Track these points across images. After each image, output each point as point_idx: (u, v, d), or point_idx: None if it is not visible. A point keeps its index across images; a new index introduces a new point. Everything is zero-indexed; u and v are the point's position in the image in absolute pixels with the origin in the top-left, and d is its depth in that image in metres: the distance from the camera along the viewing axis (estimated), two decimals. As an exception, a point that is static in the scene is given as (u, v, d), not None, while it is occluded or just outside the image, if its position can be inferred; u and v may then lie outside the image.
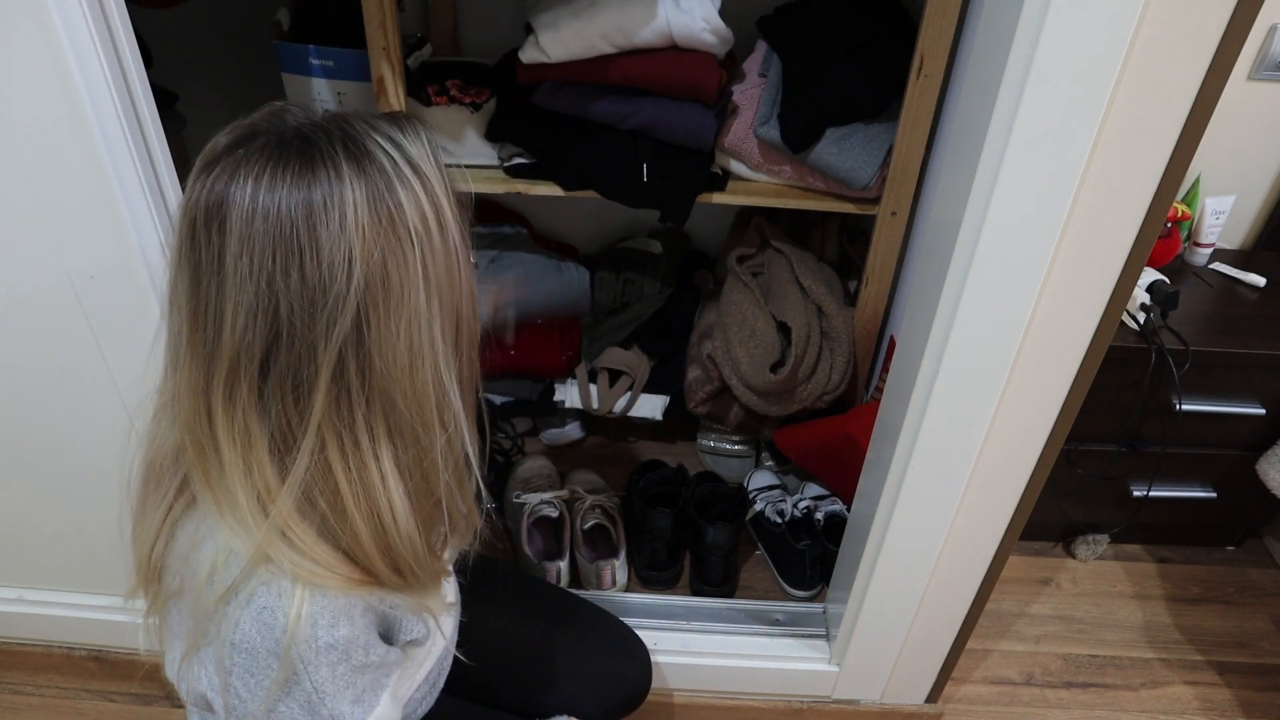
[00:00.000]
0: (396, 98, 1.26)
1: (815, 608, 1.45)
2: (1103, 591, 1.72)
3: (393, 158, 0.63)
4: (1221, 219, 1.62)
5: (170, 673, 0.74)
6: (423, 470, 0.69)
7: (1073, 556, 1.78)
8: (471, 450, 0.73)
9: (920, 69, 1.20)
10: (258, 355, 0.61)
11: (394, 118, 0.67)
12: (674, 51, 1.23)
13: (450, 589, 0.94)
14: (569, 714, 1.08)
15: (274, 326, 0.61)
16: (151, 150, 0.95)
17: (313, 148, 0.61)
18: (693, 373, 1.52)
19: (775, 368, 1.41)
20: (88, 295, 0.99)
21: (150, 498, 0.71)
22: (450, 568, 0.84)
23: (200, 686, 0.69)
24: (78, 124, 0.86)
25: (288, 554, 0.64)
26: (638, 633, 1.19)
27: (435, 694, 0.96)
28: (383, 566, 0.68)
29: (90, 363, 1.05)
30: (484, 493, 0.78)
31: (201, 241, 0.61)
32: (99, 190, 0.91)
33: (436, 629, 0.79)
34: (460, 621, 0.97)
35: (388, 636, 0.74)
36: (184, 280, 0.63)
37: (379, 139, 0.63)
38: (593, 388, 1.58)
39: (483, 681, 1.08)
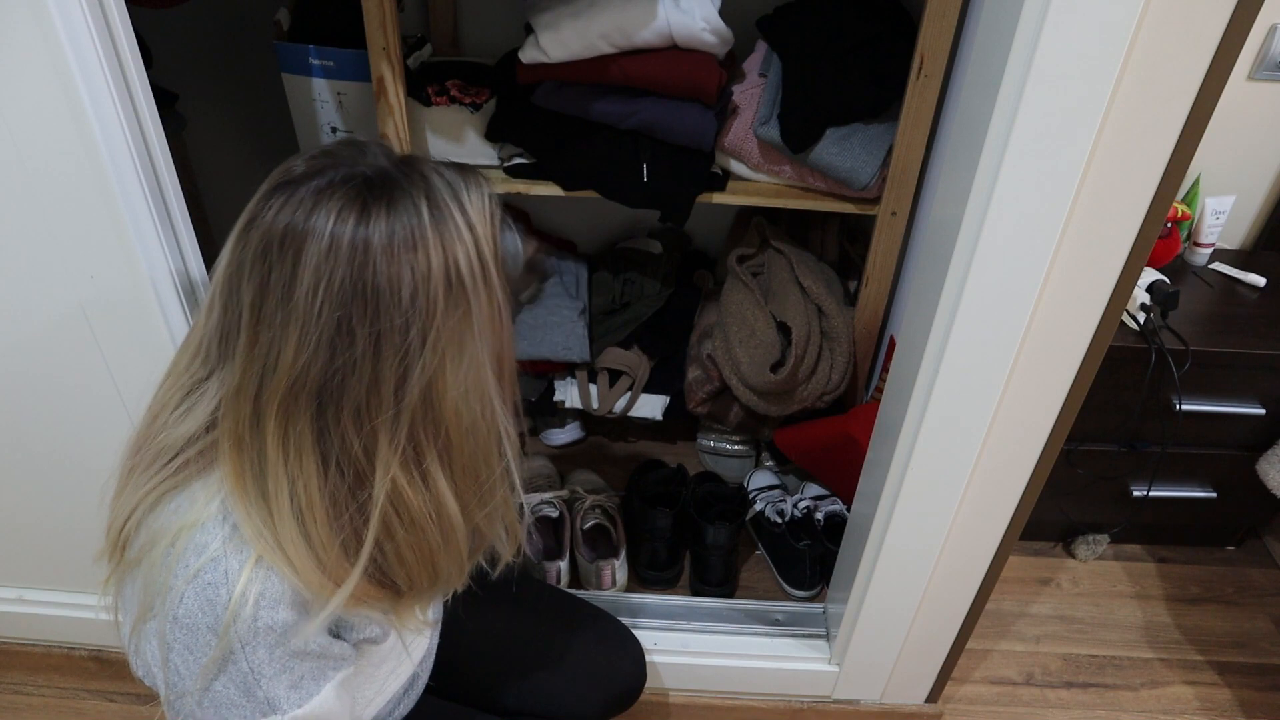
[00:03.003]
0: (396, 98, 1.26)
1: (815, 608, 1.45)
2: (1103, 591, 1.72)
3: (453, 213, 0.65)
4: (1221, 219, 1.62)
5: (125, 643, 0.75)
6: (480, 496, 0.72)
7: (1073, 556, 1.78)
8: (516, 470, 0.76)
9: (920, 69, 1.20)
10: (318, 379, 0.63)
11: (461, 170, 0.69)
12: (674, 51, 1.23)
13: (432, 606, 0.93)
14: (564, 711, 1.08)
15: (340, 359, 0.62)
16: (151, 151, 0.95)
17: (398, 193, 0.63)
18: (693, 373, 1.52)
19: (775, 368, 1.41)
20: (88, 295, 0.99)
21: (142, 471, 0.72)
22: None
23: (147, 658, 0.70)
24: (78, 124, 0.86)
25: (289, 557, 0.65)
26: (637, 633, 1.19)
27: (411, 701, 0.95)
28: (421, 581, 0.72)
29: (90, 363, 1.05)
30: (526, 509, 0.80)
31: (274, 262, 0.62)
32: (98, 190, 0.91)
33: (394, 631, 0.79)
34: (449, 623, 0.97)
35: (335, 632, 0.74)
36: (249, 291, 0.63)
37: (444, 192, 0.66)
38: (593, 388, 1.58)
39: (474, 680, 1.08)
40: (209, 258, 1.09)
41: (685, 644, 1.36)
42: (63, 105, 0.85)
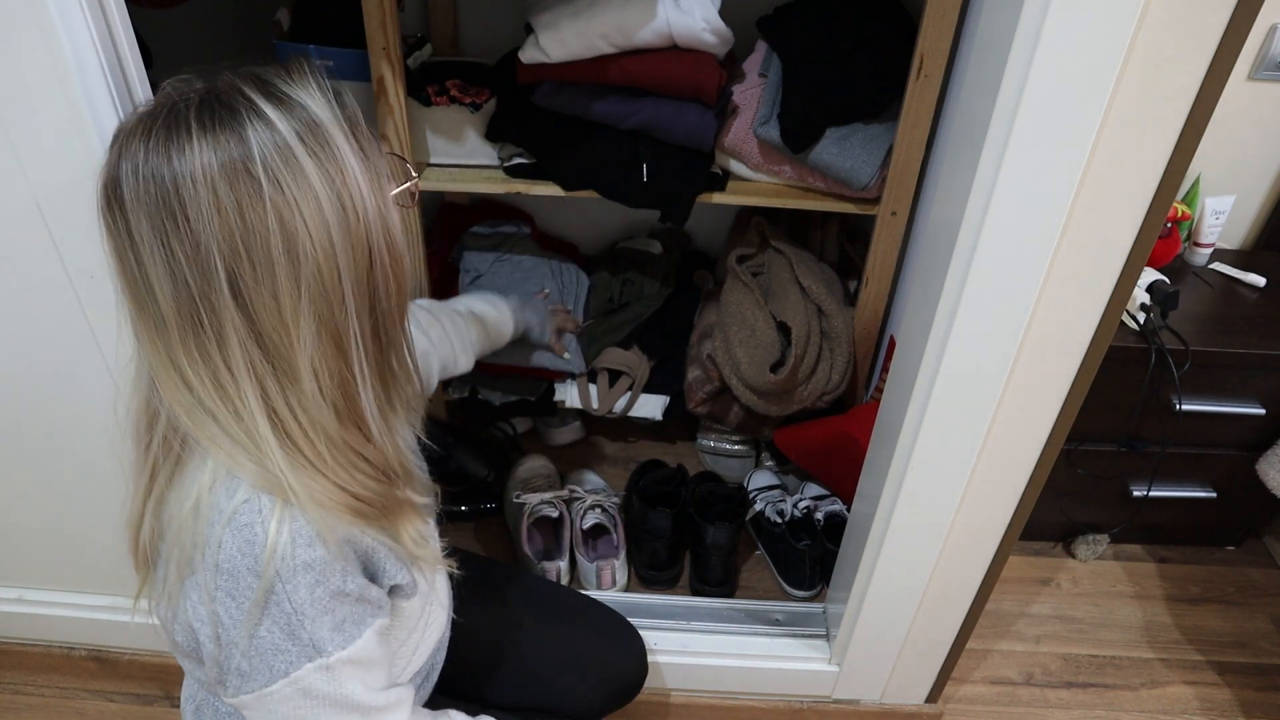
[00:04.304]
0: (396, 98, 1.26)
1: (815, 608, 1.45)
2: (1103, 591, 1.72)
3: (255, 103, 0.63)
4: (1221, 219, 1.62)
5: (162, 618, 0.76)
6: (332, 403, 0.69)
7: (1073, 556, 1.78)
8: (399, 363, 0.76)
9: (920, 69, 1.20)
10: (187, 310, 0.64)
11: (286, 64, 0.67)
12: (674, 51, 1.23)
13: (441, 581, 0.94)
14: (565, 704, 1.08)
15: (188, 284, 0.63)
16: (151, 150, 0.95)
17: (175, 114, 0.62)
18: (693, 373, 1.52)
19: (775, 368, 1.41)
20: (88, 295, 0.99)
21: (133, 463, 0.74)
22: (430, 522, 0.85)
23: (189, 618, 0.70)
24: (78, 124, 0.86)
25: (293, 480, 0.67)
26: (633, 625, 1.19)
27: (430, 685, 0.96)
28: (333, 475, 0.70)
29: (90, 363, 1.05)
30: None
31: (111, 219, 0.64)
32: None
33: (424, 581, 0.81)
34: (454, 619, 0.97)
35: (370, 576, 0.75)
36: (112, 260, 0.65)
37: (245, 86, 0.64)
38: (593, 388, 1.58)
39: (477, 676, 1.08)
40: (209, 258, 1.09)
41: (685, 644, 1.36)
42: (63, 105, 0.85)
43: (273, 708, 0.70)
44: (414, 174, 0.76)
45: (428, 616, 0.90)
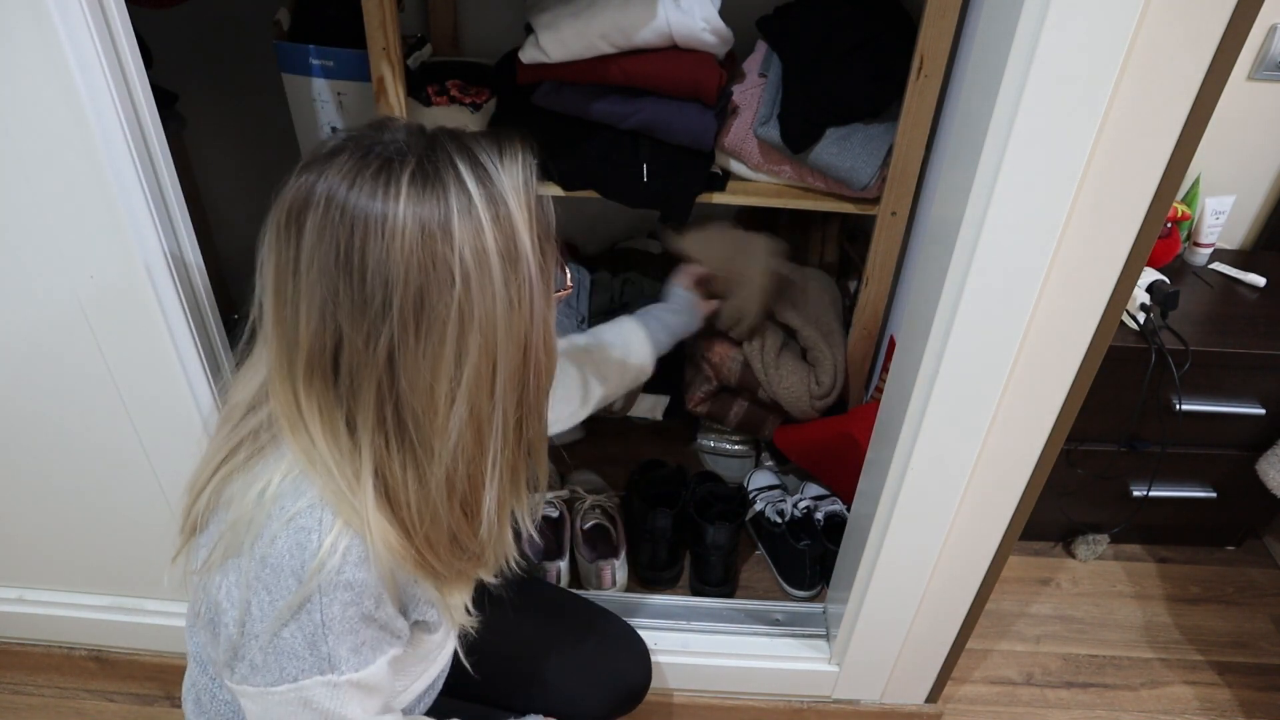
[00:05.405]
0: (396, 98, 1.26)
1: (815, 608, 1.45)
2: (1103, 591, 1.72)
3: (466, 187, 0.63)
4: (1221, 219, 1.62)
5: (191, 588, 0.76)
6: (450, 484, 0.70)
7: (1073, 556, 1.78)
8: (519, 489, 0.77)
9: (920, 69, 1.20)
10: (329, 349, 0.65)
11: (500, 140, 0.67)
12: (674, 51, 1.23)
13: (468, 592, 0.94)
14: (569, 710, 1.08)
15: (337, 329, 0.64)
16: (151, 150, 0.95)
17: (388, 165, 0.62)
18: (691, 373, 1.51)
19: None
20: (88, 295, 0.99)
21: (215, 433, 0.75)
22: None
23: (220, 595, 0.70)
24: (78, 124, 0.86)
25: (374, 523, 0.68)
26: (637, 632, 1.19)
27: (434, 692, 0.96)
28: (420, 542, 0.71)
29: (90, 362, 1.05)
30: (527, 532, 0.81)
31: (286, 236, 0.64)
32: (99, 190, 0.91)
33: (448, 621, 0.81)
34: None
35: (401, 609, 0.76)
36: (270, 269, 0.66)
37: (461, 164, 0.64)
38: (592, 388, 1.57)
39: (483, 681, 1.08)
40: (208, 257, 1.09)
41: (685, 644, 1.36)
42: (63, 105, 0.85)
43: (270, 706, 0.70)
44: (570, 281, 0.78)
45: (440, 655, 0.92)
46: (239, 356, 0.76)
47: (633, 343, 1.20)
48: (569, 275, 0.79)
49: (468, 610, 0.81)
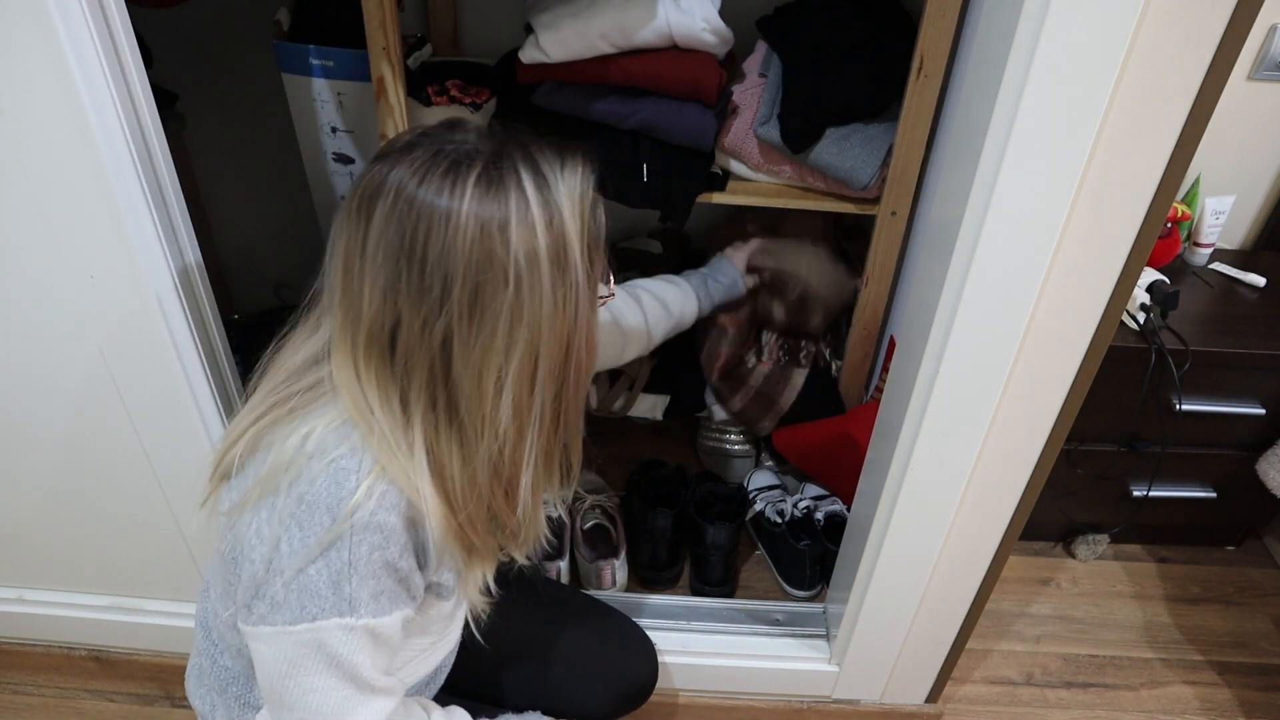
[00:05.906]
0: (396, 98, 1.26)
1: (815, 608, 1.45)
2: (1103, 591, 1.72)
3: (526, 194, 0.68)
4: (1221, 219, 1.62)
5: (219, 527, 0.78)
6: (494, 466, 0.75)
7: (1073, 556, 1.78)
8: (552, 473, 0.80)
9: (920, 69, 1.20)
10: (388, 329, 0.69)
11: (563, 151, 0.72)
12: (674, 51, 1.23)
13: (464, 610, 0.95)
14: (575, 708, 1.08)
15: (397, 312, 0.68)
16: (151, 150, 0.95)
17: (456, 165, 0.67)
18: (709, 341, 1.52)
19: None
20: (87, 295, 0.99)
21: (263, 387, 0.78)
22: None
23: (250, 533, 0.72)
24: (78, 124, 0.86)
25: (428, 492, 0.72)
26: (644, 631, 1.19)
27: (435, 685, 0.96)
28: (462, 517, 0.75)
29: (89, 362, 1.05)
30: (560, 514, 0.84)
31: (357, 220, 0.69)
32: (99, 191, 0.91)
33: (461, 591, 0.83)
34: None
35: (420, 563, 0.78)
36: (340, 246, 0.70)
37: (524, 172, 0.68)
38: (592, 387, 1.58)
39: (488, 678, 1.08)
40: (209, 257, 1.09)
41: (685, 644, 1.36)
42: (63, 105, 0.85)
43: (283, 648, 0.71)
44: (612, 285, 0.84)
45: (447, 631, 0.92)
46: (294, 321, 0.80)
47: (683, 296, 1.29)
48: (612, 282, 0.84)
49: (488, 590, 0.83)
